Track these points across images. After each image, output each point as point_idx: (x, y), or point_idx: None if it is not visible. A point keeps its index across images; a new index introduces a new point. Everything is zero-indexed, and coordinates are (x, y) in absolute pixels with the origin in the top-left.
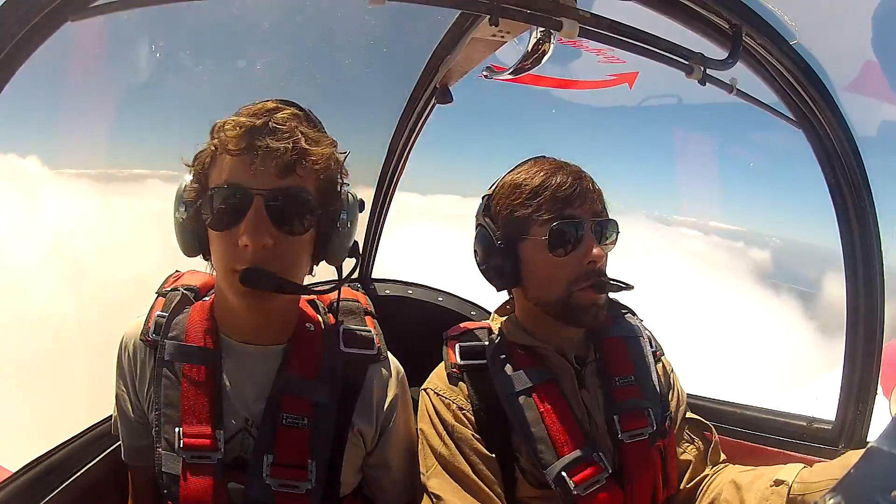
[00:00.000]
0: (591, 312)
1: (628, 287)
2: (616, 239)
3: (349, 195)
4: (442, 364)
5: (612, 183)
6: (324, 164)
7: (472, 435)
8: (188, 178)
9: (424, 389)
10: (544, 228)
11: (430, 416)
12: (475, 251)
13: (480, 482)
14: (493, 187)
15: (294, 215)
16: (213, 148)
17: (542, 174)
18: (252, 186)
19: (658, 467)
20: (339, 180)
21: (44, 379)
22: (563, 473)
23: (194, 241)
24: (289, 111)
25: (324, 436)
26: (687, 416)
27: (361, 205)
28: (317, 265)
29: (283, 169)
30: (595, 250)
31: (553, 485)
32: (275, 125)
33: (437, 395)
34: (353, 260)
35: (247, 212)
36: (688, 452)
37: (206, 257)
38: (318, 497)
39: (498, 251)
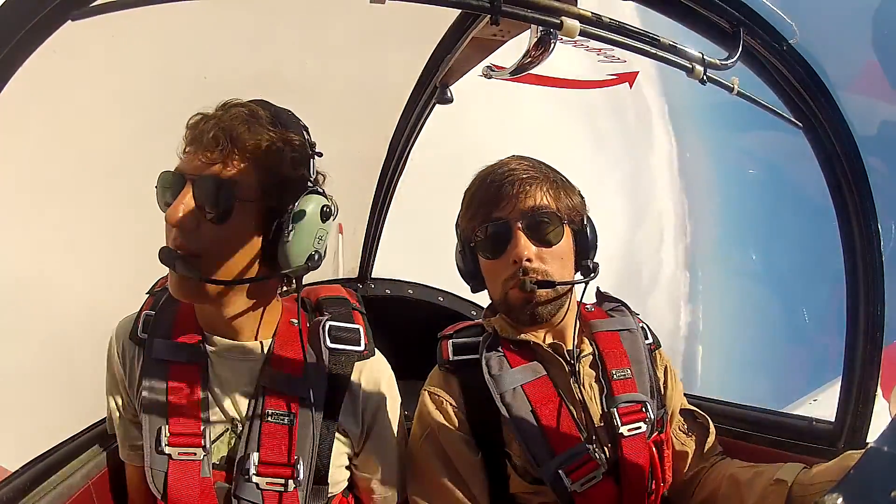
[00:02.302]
0: (525, 311)
1: (555, 284)
2: (559, 232)
3: (311, 199)
4: (437, 364)
5: None
6: (253, 154)
7: (460, 435)
8: None
9: (423, 390)
10: (476, 234)
11: (419, 418)
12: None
13: (456, 488)
14: None
15: (213, 199)
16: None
17: (479, 180)
18: (186, 172)
19: (655, 462)
20: (298, 176)
21: None
22: (560, 471)
23: None
24: (248, 107)
25: (310, 433)
26: (684, 407)
27: (325, 213)
28: (278, 274)
29: (212, 156)
30: (516, 250)
31: (548, 482)
32: (222, 116)
33: (431, 394)
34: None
35: (175, 197)
36: (685, 444)
37: None
38: (306, 495)
39: (462, 255)
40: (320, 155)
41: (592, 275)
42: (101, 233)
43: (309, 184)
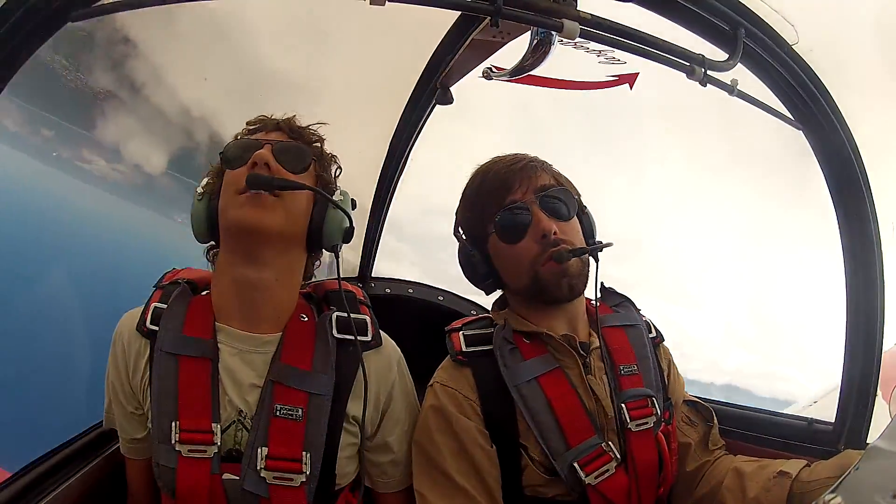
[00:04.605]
0: (562, 285)
1: (589, 250)
2: (573, 206)
3: (345, 191)
4: (448, 357)
5: None
6: (319, 140)
7: (476, 426)
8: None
9: (431, 385)
10: (493, 223)
11: (430, 411)
12: (459, 264)
13: (467, 481)
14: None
15: (296, 156)
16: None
17: (479, 175)
18: (262, 139)
19: (665, 454)
20: (334, 172)
21: None
22: (575, 464)
23: (204, 215)
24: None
25: (319, 427)
26: (686, 398)
27: (353, 203)
28: (316, 248)
29: (287, 131)
30: (543, 224)
31: (564, 475)
32: (288, 119)
33: (443, 385)
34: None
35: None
36: (688, 435)
37: (215, 238)
38: (313, 489)
39: (470, 258)
40: (340, 169)
41: (609, 244)
42: None
43: (334, 171)
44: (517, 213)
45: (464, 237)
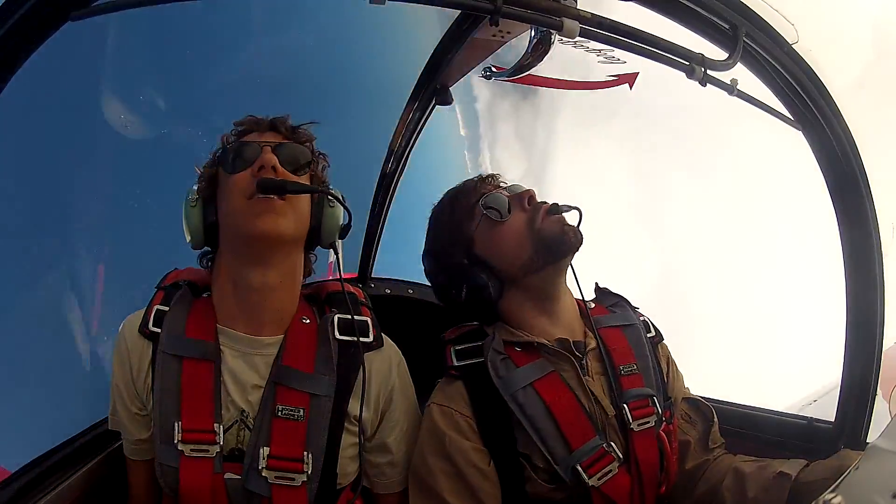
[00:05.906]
0: (566, 234)
1: (572, 208)
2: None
3: (337, 191)
4: (444, 373)
5: None
6: (310, 139)
7: (471, 445)
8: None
9: (428, 405)
10: (478, 212)
11: (425, 433)
12: (459, 300)
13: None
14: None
15: (297, 157)
16: (226, 141)
17: (438, 206)
18: (261, 142)
19: (668, 453)
20: (324, 171)
21: None
22: (578, 467)
23: (201, 220)
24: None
25: (320, 427)
26: (687, 396)
27: (344, 200)
28: (314, 247)
29: (283, 131)
30: (525, 190)
31: (567, 478)
32: (282, 118)
33: (438, 406)
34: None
35: (257, 157)
36: (687, 433)
37: (210, 243)
38: (314, 488)
39: (459, 271)
40: (328, 166)
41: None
42: None
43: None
44: (498, 194)
45: (445, 266)
